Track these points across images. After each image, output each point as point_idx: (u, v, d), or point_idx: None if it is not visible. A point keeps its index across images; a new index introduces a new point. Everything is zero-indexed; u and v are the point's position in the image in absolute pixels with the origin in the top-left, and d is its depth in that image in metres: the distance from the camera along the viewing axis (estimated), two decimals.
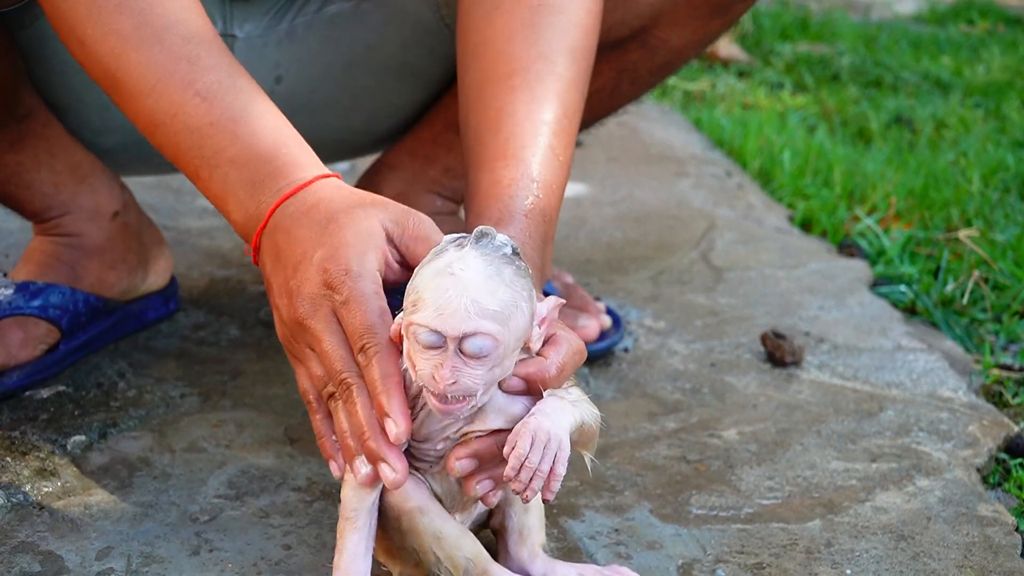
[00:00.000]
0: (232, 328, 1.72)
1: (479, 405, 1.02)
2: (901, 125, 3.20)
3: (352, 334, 1.04)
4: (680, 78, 3.64)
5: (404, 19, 1.54)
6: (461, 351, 0.97)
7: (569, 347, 1.07)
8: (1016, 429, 1.52)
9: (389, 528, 1.09)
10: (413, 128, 1.68)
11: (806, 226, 2.31)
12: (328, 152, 1.73)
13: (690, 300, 1.89)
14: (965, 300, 1.94)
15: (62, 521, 1.24)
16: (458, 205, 1.71)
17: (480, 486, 1.05)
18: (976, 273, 2.00)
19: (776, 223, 2.28)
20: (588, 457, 1.09)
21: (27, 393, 1.50)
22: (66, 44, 1.21)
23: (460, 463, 1.04)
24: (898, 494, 1.35)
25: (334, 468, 1.10)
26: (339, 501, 1.28)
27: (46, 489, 1.30)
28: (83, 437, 1.40)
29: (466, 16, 1.31)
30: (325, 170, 1.14)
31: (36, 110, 1.46)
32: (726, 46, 3.91)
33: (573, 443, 1.04)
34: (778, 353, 1.67)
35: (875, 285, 1.99)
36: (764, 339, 1.70)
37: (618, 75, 1.61)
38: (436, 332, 0.97)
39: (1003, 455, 1.49)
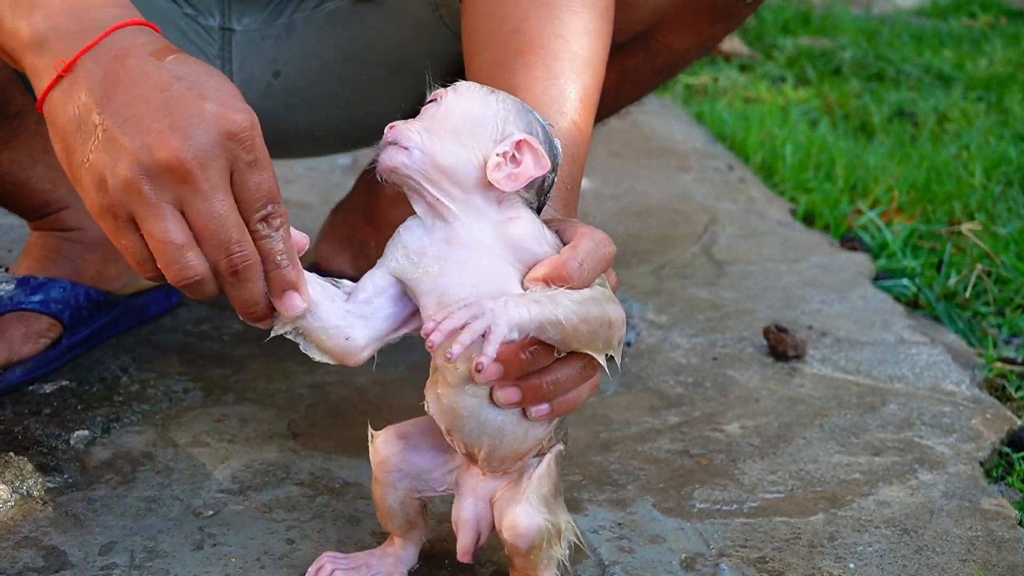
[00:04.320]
0: (234, 323, 1.72)
1: (404, 170, 1.06)
2: (903, 119, 3.19)
3: (254, 200, 0.96)
4: (682, 72, 3.64)
5: (403, 17, 1.53)
6: None
7: (592, 241, 1.03)
8: (1019, 423, 1.52)
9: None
10: None
11: (808, 220, 2.31)
12: (329, 144, 1.73)
13: (692, 294, 1.89)
14: (968, 294, 1.94)
15: (65, 516, 1.24)
16: None
17: (504, 393, 1.02)
18: (979, 267, 1.99)
19: (778, 217, 2.28)
20: (602, 357, 1.03)
21: (30, 388, 1.50)
22: None
23: (486, 371, 0.99)
24: (901, 488, 1.35)
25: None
26: (341, 496, 1.29)
27: (49, 484, 1.30)
28: (86, 432, 1.40)
29: (472, 1, 1.31)
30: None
31: (28, 108, 1.46)
32: (728, 40, 3.91)
33: (566, 341, 1.00)
34: (780, 347, 1.67)
35: (877, 279, 1.99)
36: (766, 333, 1.70)
37: (620, 77, 1.60)
38: None
39: (1006, 449, 1.49)
